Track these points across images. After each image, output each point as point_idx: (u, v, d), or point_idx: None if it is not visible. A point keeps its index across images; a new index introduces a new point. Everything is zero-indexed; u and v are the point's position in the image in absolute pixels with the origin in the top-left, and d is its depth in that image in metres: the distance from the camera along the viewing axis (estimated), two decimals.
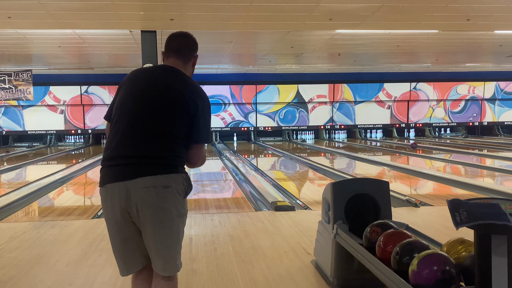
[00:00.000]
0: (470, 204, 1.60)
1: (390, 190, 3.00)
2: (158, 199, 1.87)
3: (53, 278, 3.13)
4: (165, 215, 1.90)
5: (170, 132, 1.91)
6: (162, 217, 1.90)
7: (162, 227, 1.90)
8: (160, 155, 1.89)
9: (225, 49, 11.17)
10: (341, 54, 12.47)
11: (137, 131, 1.90)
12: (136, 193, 1.86)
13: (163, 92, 1.94)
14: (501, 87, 18.23)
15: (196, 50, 2.15)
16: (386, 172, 9.01)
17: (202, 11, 6.93)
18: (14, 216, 5.45)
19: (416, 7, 6.81)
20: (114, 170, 1.90)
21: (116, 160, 1.90)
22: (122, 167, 1.88)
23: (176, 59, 2.07)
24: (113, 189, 1.89)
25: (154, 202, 1.87)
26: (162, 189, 1.87)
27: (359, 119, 17.94)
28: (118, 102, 2.00)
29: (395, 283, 1.95)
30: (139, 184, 1.86)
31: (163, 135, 1.90)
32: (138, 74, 2.06)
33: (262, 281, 3.00)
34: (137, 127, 1.91)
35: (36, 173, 9.71)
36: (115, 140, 1.92)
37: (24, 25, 7.92)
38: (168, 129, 1.91)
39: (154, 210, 1.88)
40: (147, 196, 1.86)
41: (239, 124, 17.37)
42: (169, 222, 1.91)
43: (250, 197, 6.43)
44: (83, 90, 16.34)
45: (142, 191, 1.86)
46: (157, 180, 1.86)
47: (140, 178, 1.86)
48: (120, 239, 1.97)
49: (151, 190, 1.86)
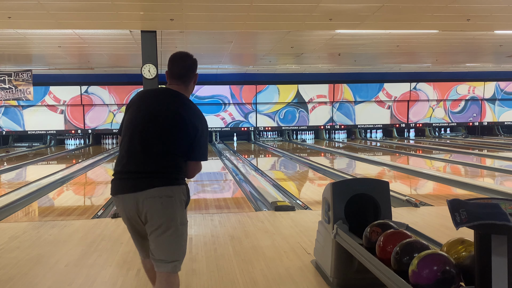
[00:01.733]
0: (470, 204, 1.60)
1: (390, 190, 3.00)
2: (163, 207, 2.13)
3: (53, 278, 3.13)
4: (171, 221, 2.14)
5: (173, 152, 2.19)
6: (168, 222, 2.14)
7: (166, 231, 2.14)
8: (164, 171, 2.17)
9: (225, 49, 11.17)
10: (341, 54, 12.47)
11: (145, 150, 2.18)
12: (144, 202, 2.13)
13: (168, 117, 2.21)
14: (501, 87, 18.23)
15: (196, 69, 2.37)
16: (386, 172, 9.01)
17: (202, 11, 6.93)
18: (14, 216, 5.45)
19: (416, 7, 6.81)
20: (125, 182, 2.19)
21: (127, 174, 2.19)
22: (132, 181, 2.17)
23: (178, 84, 2.31)
24: (124, 198, 2.18)
25: (160, 209, 2.12)
26: (166, 198, 2.13)
27: (359, 119, 17.95)
28: (128, 122, 2.28)
29: (395, 283, 1.95)
30: (147, 195, 2.12)
31: (167, 154, 2.18)
32: (146, 98, 2.35)
33: (262, 281, 3.00)
34: (145, 147, 2.18)
35: (36, 173, 9.71)
36: (126, 157, 2.21)
37: (24, 25, 7.92)
38: (171, 149, 2.19)
39: (160, 216, 2.13)
40: (153, 204, 2.12)
41: (239, 124, 17.38)
42: (174, 228, 2.15)
43: (250, 197, 6.43)
44: (83, 90, 16.34)
45: (150, 201, 2.12)
46: (161, 191, 2.13)
47: (147, 190, 2.13)
48: (136, 234, 2.29)
49: (157, 199, 2.12)
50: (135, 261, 3.45)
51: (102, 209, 5.58)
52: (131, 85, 16.03)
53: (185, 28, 8.22)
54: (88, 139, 16.97)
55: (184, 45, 10.47)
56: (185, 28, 8.22)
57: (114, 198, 2.26)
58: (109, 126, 16.70)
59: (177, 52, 2.37)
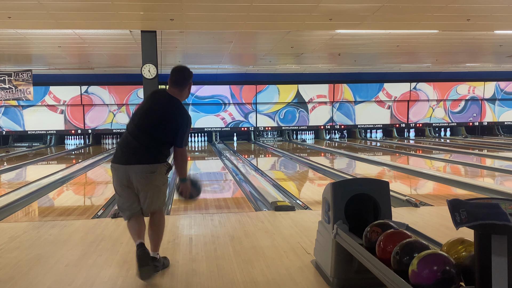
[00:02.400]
0: (470, 204, 1.60)
1: (390, 190, 3.00)
2: (146, 180, 3.03)
3: (53, 278, 3.13)
4: (153, 187, 3.06)
5: (160, 138, 3.06)
6: (150, 187, 3.05)
7: (151, 192, 3.07)
8: (150, 152, 3.04)
9: (225, 49, 11.17)
10: (341, 54, 12.47)
11: (142, 135, 3.05)
12: (133, 174, 3.01)
13: (160, 114, 3.07)
14: (501, 87, 18.23)
15: (191, 79, 3.22)
16: (386, 172, 9.01)
17: (202, 11, 6.93)
18: (14, 216, 5.45)
19: (416, 7, 6.81)
20: (123, 155, 3.06)
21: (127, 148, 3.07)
22: (127, 154, 3.04)
23: (174, 88, 3.17)
24: (119, 168, 3.06)
25: (144, 181, 3.03)
26: (149, 173, 3.02)
27: (359, 119, 17.95)
28: (135, 113, 3.19)
29: (395, 283, 1.95)
30: (134, 169, 3.01)
31: (156, 140, 3.05)
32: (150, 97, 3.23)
33: (262, 281, 3.00)
34: (143, 133, 3.05)
35: (36, 173, 9.71)
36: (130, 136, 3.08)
37: (24, 25, 7.93)
38: (159, 137, 3.06)
39: (144, 184, 3.03)
40: (139, 177, 3.02)
41: (239, 124, 17.38)
42: (156, 189, 3.09)
43: (250, 197, 6.43)
44: (83, 90, 16.33)
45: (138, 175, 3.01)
46: (145, 167, 3.01)
47: (135, 165, 3.01)
48: (124, 196, 3.09)
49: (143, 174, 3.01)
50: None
51: (102, 209, 5.58)
52: (131, 85, 16.03)
53: (185, 28, 8.23)
54: (88, 139, 16.97)
55: (184, 45, 10.47)
56: (185, 28, 8.23)
57: (112, 166, 3.11)
58: (109, 126, 16.69)
59: (178, 65, 3.26)
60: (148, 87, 8.53)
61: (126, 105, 16.57)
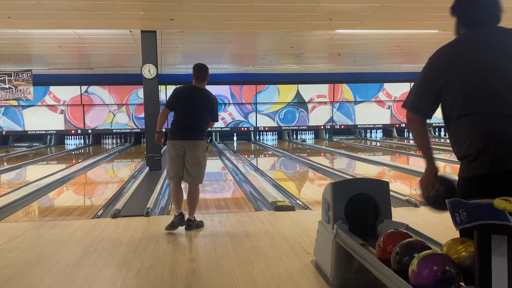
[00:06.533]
0: (470, 204, 1.60)
1: (390, 190, 3.00)
2: (194, 152, 4.30)
3: (53, 278, 3.13)
4: (198, 159, 4.32)
5: (202, 120, 4.39)
6: (196, 159, 4.31)
7: (196, 163, 4.33)
8: (198, 130, 4.34)
9: (225, 49, 11.17)
10: (341, 54, 12.47)
11: (191, 117, 4.33)
12: (187, 147, 4.28)
13: (199, 102, 4.37)
14: None
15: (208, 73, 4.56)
16: (386, 172, 9.01)
17: (202, 11, 6.94)
18: (14, 216, 5.45)
19: (416, 7, 6.81)
20: (180, 134, 4.32)
21: (182, 127, 4.33)
22: (182, 132, 4.31)
23: (200, 82, 4.48)
24: (178, 143, 4.30)
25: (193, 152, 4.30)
26: (197, 147, 4.31)
27: (359, 119, 17.95)
28: (182, 102, 4.36)
29: (395, 283, 1.95)
30: (189, 143, 4.28)
31: (200, 121, 4.37)
32: (188, 90, 4.45)
33: (262, 281, 3.00)
34: (191, 116, 4.33)
35: (36, 173, 9.71)
36: (182, 119, 4.34)
37: (24, 25, 7.93)
38: (201, 119, 4.38)
39: (192, 156, 4.30)
40: (190, 149, 4.29)
41: (239, 124, 17.37)
42: (198, 161, 4.33)
43: (250, 197, 6.43)
44: (83, 90, 16.33)
45: (189, 147, 4.28)
46: (195, 142, 4.30)
47: (189, 140, 4.28)
48: (176, 166, 4.33)
49: (194, 147, 4.30)
50: (135, 261, 3.45)
51: (102, 209, 5.58)
52: (131, 85, 16.03)
53: (185, 28, 8.23)
54: (88, 139, 16.97)
55: (184, 45, 10.47)
56: (185, 28, 8.23)
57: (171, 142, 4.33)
58: (109, 126, 16.69)
59: (199, 63, 4.52)
60: (148, 87, 8.54)
61: (126, 105, 16.57)
